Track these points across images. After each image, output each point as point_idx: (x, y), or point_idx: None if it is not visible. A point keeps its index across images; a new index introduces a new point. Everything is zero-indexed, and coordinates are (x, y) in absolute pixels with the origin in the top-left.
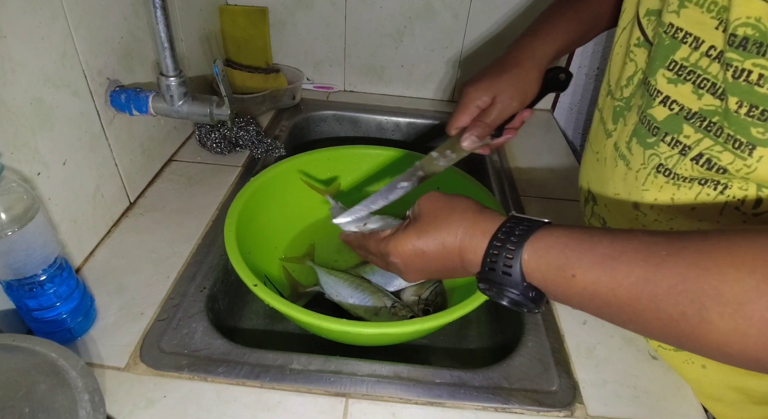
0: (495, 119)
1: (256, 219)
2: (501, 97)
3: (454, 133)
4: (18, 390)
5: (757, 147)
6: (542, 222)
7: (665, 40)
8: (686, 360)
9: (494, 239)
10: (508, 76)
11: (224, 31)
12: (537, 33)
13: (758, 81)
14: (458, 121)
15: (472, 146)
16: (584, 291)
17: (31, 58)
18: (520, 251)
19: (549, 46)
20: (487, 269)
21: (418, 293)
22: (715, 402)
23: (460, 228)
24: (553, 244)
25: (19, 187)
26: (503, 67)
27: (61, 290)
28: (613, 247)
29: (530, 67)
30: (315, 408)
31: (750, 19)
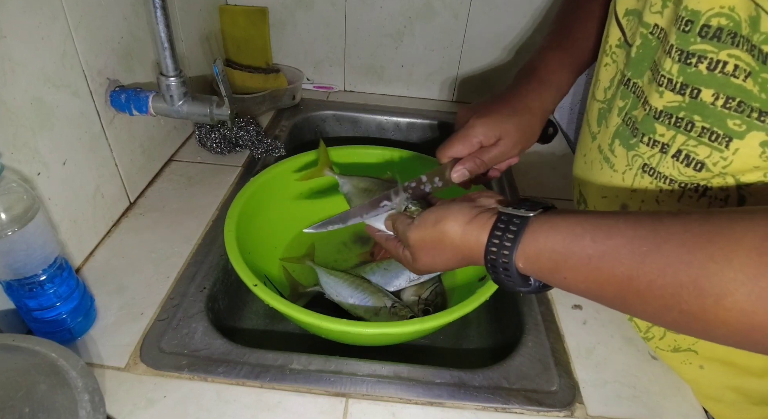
0: (493, 159)
1: (256, 219)
2: (506, 140)
3: (445, 161)
4: (18, 390)
5: (734, 139)
6: (528, 218)
7: (651, 41)
8: (684, 361)
9: (487, 253)
10: (518, 120)
11: (224, 31)
12: (543, 82)
13: (734, 72)
14: (454, 151)
15: (461, 179)
16: (577, 290)
17: (31, 58)
18: (513, 260)
19: (554, 98)
20: (491, 273)
21: (418, 293)
22: (714, 403)
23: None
24: (542, 249)
25: (19, 187)
26: (513, 109)
27: (61, 290)
28: (595, 246)
29: (538, 116)
30: (315, 408)
31: (723, 9)
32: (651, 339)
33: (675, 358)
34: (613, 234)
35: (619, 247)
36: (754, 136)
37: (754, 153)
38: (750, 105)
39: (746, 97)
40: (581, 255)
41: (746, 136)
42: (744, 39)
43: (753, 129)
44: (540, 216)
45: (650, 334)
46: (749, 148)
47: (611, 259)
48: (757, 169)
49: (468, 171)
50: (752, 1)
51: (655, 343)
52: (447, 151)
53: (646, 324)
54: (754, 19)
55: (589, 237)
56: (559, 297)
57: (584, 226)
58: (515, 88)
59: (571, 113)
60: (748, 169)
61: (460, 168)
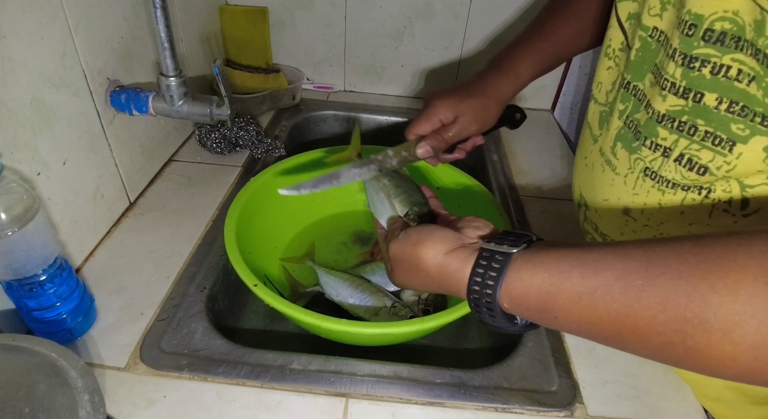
0: (452, 137)
1: (256, 220)
2: (463, 118)
3: (412, 138)
4: (18, 390)
5: (737, 143)
6: (510, 255)
7: (651, 44)
8: None
9: (470, 291)
10: (473, 101)
11: (224, 31)
12: (503, 71)
13: (737, 76)
14: (419, 128)
15: (425, 155)
16: (570, 329)
17: (31, 58)
18: (497, 300)
19: (512, 85)
20: (475, 313)
21: (418, 293)
22: (714, 403)
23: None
24: (528, 288)
25: (19, 187)
26: (470, 92)
27: (61, 290)
28: (585, 283)
29: (493, 100)
30: (315, 408)
31: (727, 13)
32: None
33: None
34: (602, 268)
35: (611, 282)
36: (758, 140)
37: (758, 157)
38: (753, 109)
39: (750, 101)
40: (570, 293)
41: (750, 141)
42: (748, 43)
43: (757, 133)
44: (524, 253)
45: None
46: (753, 153)
47: (603, 296)
48: (761, 173)
49: (431, 146)
50: (758, 5)
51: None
52: (412, 128)
53: None
54: (759, 23)
55: (577, 273)
56: None
57: (570, 261)
58: (478, 75)
59: (572, 113)
60: (752, 172)
61: (423, 144)
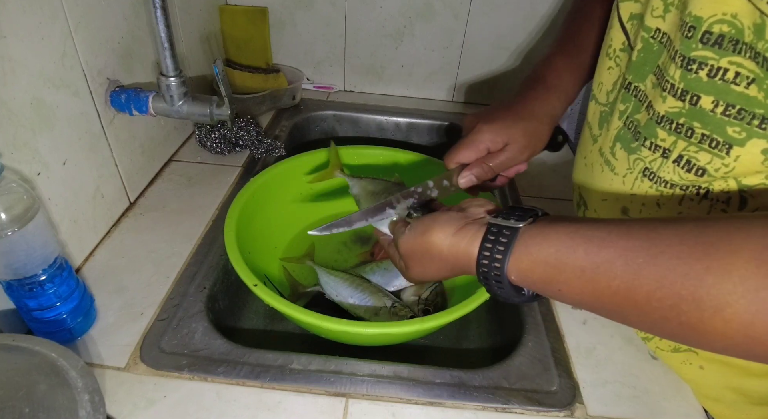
0: (500, 165)
1: (256, 219)
2: (513, 145)
3: (452, 167)
4: (18, 390)
5: (734, 146)
6: (518, 229)
7: (653, 46)
8: (684, 362)
9: (479, 265)
10: (525, 125)
11: (224, 31)
12: (550, 88)
13: (735, 79)
14: (461, 157)
15: (468, 185)
16: (573, 301)
17: (31, 58)
18: (505, 273)
19: (562, 104)
20: (483, 284)
21: (418, 293)
22: (713, 403)
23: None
24: (535, 262)
25: (19, 187)
26: (519, 115)
27: (61, 290)
28: (589, 259)
29: (545, 122)
30: (315, 408)
31: (726, 16)
32: (651, 339)
33: (675, 358)
34: (606, 246)
35: (614, 259)
36: (755, 143)
37: (756, 159)
38: (751, 112)
39: (748, 104)
40: (575, 267)
41: (747, 144)
42: (747, 46)
43: (753, 136)
44: (531, 227)
45: (650, 335)
46: (751, 155)
47: (606, 272)
48: (759, 173)
49: (475, 176)
50: (757, 9)
51: (655, 343)
52: (455, 156)
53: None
54: (759, 26)
55: (582, 249)
56: None
57: (576, 238)
58: (522, 94)
59: (572, 114)
60: (751, 173)
61: (467, 173)
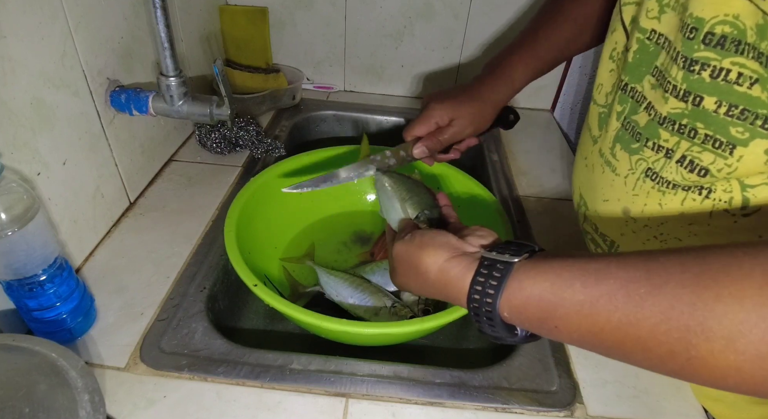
0: (448, 139)
1: (256, 220)
2: (458, 121)
3: (409, 140)
4: (18, 390)
5: (737, 146)
6: (512, 264)
7: (649, 47)
8: None
9: (470, 300)
10: (469, 105)
11: (224, 31)
12: (499, 76)
13: (737, 80)
14: (416, 130)
15: (421, 155)
16: (571, 339)
17: (31, 58)
18: (497, 309)
19: (507, 90)
20: (474, 321)
21: None
22: (714, 403)
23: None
24: (529, 297)
25: (19, 187)
26: (466, 96)
27: (61, 290)
28: (587, 292)
29: (489, 104)
30: (315, 408)
31: (728, 17)
32: None
33: None
34: (605, 277)
35: (614, 291)
36: (759, 143)
37: (759, 160)
38: (755, 112)
39: (751, 104)
40: (572, 302)
41: (750, 144)
42: (750, 46)
43: (757, 136)
44: (526, 262)
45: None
46: (754, 156)
47: (606, 304)
48: (762, 174)
49: (427, 148)
50: (760, 10)
51: None
52: (410, 130)
53: None
54: (761, 27)
55: (579, 282)
56: None
57: (572, 271)
58: (475, 80)
59: (572, 114)
60: (753, 173)
61: (420, 145)
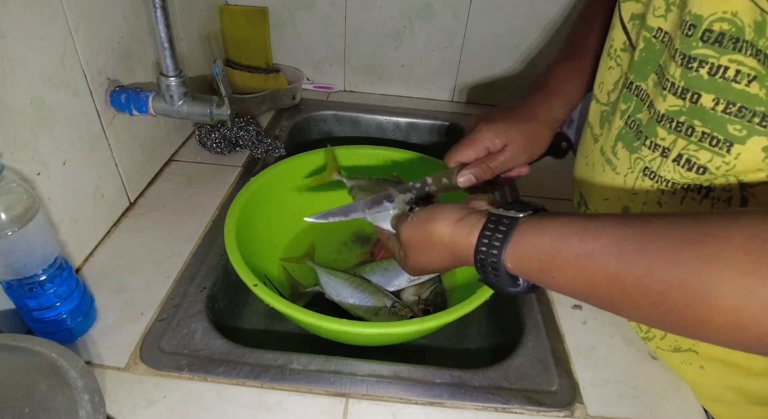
0: (499, 166)
1: (256, 220)
2: (512, 146)
3: (452, 165)
4: (18, 390)
5: (735, 144)
6: (517, 219)
7: (656, 45)
8: (684, 361)
9: (477, 253)
10: (524, 127)
11: (224, 31)
12: (551, 93)
13: (735, 77)
14: (461, 156)
15: (466, 184)
16: (566, 289)
17: (31, 58)
18: (501, 260)
19: (564, 108)
20: (480, 273)
21: (418, 293)
22: (713, 403)
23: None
24: (530, 249)
25: (19, 187)
26: (520, 116)
27: (61, 290)
28: (583, 246)
29: (545, 125)
30: (315, 408)
31: (726, 14)
32: (652, 339)
33: (675, 358)
34: (601, 235)
35: (607, 247)
36: (756, 141)
37: (757, 157)
38: (752, 110)
39: (748, 101)
40: (569, 254)
41: (747, 141)
42: (748, 44)
43: (754, 134)
44: (530, 218)
45: (651, 334)
46: (751, 153)
47: (599, 259)
48: (760, 171)
49: (474, 176)
50: (758, 7)
51: (655, 343)
52: (454, 155)
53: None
54: (759, 24)
55: (577, 238)
56: (559, 298)
57: (572, 227)
58: (525, 98)
59: (572, 113)
60: (752, 171)
61: (466, 172)
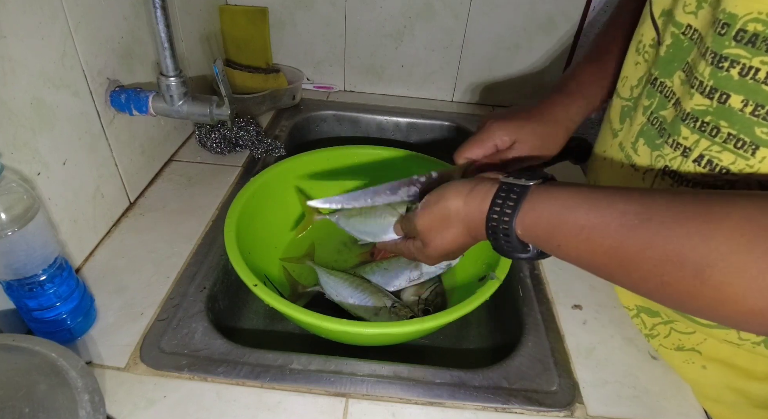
0: (508, 164)
1: (256, 220)
2: (522, 145)
3: (460, 162)
4: (18, 390)
5: (761, 147)
6: (528, 187)
7: (683, 42)
8: (686, 361)
9: (489, 220)
10: (536, 126)
11: (224, 31)
12: (571, 94)
13: (765, 79)
14: (470, 152)
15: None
16: (569, 257)
17: (31, 58)
18: (513, 226)
19: (582, 109)
20: (491, 240)
21: (418, 293)
22: (713, 404)
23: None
24: (540, 217)
25: (19, 187)
26: (533, 116)
27: (61, 290)
28: (588, 218)
29: (561, 125)
30: (315, 408)
31: (761, 15)
32: (655, 336)
33: (678, 357)
34: (605, 207)
35: (609, 221)
36: None
37: None
38: None
39: None
40: (574, 225)
41: None
42: None
43: None
44: (540, 186)
45: (655, 331)
46: None
47: (601, 231)
48: None
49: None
50: None
51: (658, 341)
52: (463, 151)
53: (651, 321)
54: None
55: (583, 209)
56: (559, 297)
57: (579, 198)
58: (541, 100)
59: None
60: None
61: (474, 170)
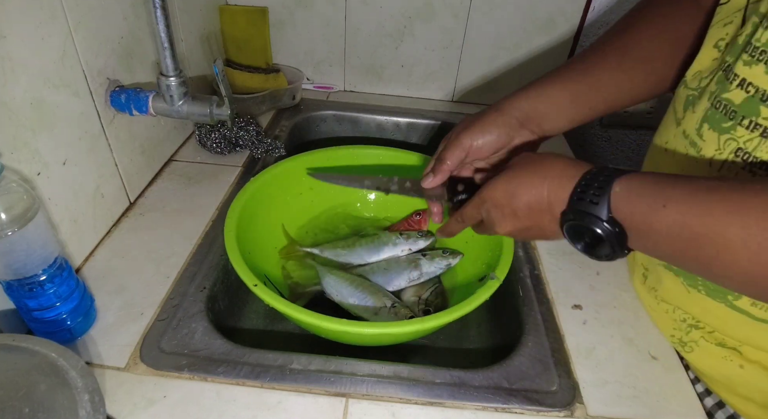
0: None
1: (256, 219)
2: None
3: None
4: (18, 390)
5: None
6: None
7: (749, 26)
8: (725, 357)
9: (584, 177)
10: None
11: (224, 31)
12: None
13: None
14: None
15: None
16: (673, 223)
17: (31, 58)
18: (610, 185)
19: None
20: (575, 198)
21: (418, 293)
22: (742, 400)
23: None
24: (644, 178)
25: (19, 187)
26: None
27: (61, 290)
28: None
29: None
30: (315, 408)
31: None
32: (701, 328)
33: (717, 352)
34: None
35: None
36: None
37: None
38: None
39: None
40: (690, 187)
41: None
42: None
43: None
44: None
45: (701, 323)
46: None
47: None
48: None
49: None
50: None
51: (700, 334)
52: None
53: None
54: None
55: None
56: (559, 297)
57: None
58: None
59: None
60: None
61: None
